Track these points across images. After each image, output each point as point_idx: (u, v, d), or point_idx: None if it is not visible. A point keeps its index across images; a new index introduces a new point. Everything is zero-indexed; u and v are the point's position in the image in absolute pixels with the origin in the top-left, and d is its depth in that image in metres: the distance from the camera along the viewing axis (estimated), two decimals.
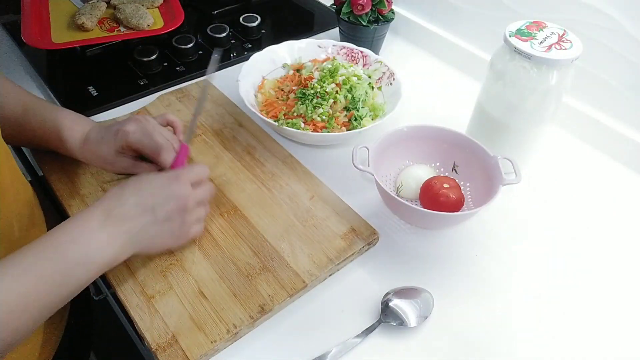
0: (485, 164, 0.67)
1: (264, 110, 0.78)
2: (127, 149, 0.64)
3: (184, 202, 0.55)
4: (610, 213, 0.72)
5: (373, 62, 0.85)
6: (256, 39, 1.01)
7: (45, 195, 0.71)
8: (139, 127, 0.63)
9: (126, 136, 0.63)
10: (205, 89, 0.70)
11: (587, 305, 0.61)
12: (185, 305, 0.56)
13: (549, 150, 0.81)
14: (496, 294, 0.62)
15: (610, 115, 0.79)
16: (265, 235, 0.63)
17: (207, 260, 0.60)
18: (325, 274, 0.60)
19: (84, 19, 0.91)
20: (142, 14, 0.93)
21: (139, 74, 0.89)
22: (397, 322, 0.57)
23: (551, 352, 0.57)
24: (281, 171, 0.72)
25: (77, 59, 0.92)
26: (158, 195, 0.54)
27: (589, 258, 0.66)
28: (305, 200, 0.68)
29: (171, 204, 0.54)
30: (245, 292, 0.57)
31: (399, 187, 0.69)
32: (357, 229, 0.65)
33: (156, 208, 0.53)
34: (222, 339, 0.53)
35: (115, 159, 0.65)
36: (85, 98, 0.83)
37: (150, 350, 0.52)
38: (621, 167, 0.79)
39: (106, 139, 0.64)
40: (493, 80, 0.68)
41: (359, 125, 0.75)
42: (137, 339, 0.99)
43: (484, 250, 0.66)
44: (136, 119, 0.65)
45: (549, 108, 0.67)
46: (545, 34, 0.65)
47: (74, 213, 0.65)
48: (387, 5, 0.90)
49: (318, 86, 0.76)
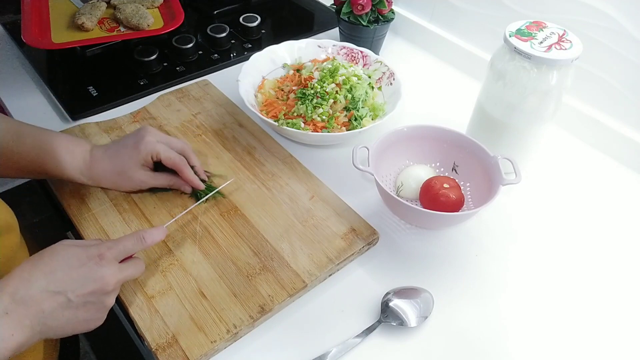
0: (485, 164, 0.67)
1: (264, 110, 0.78)
2: (149, 161, 0.63)
3: (104, 285, 0.47)
4: (610, 213, 0.72)
5: (373, 62, 0.85)
6: (256, 39, 1.01)
7: (46, 195, 0.71)
8: (157, 137, 0.63)
9: (153, 147, 0.62)
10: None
11: (587, 305, 0.61)
12: (185, 305, 0.56)
13: (549, 150, 0.81)
14: (496, 294, 0.62)
15: (610, 115, 0.79)
16: (265, 235, 0.63)
17: (207, 260, 0.60)
18: (325, 274, 0.60)
19: (84, 19, 0.91)
20: (142, 14, 0.93)
21: (139, 74, 0.89)
22: (397, 322, 0.57)
23: (551, 352, 0.57)
24: (281, 171, 0.72)
25: (77, 59, 0.92)
26: (73, 278, 0.46)
27: (589, 258, 0.66)
28: (305, 200, 0.68)
29: (89, 287, 0.47)
30: (245, 292, 0.57)
31: (399, 187, 0.69)
32: (357, 229, 0.65)
33: (69, 293, 0.46)
34: (222, 339, 0.53)
35: (136, 173, 0.63)
36: (85, 98, 0.83)
37: (150, 350, 0.52)
38: (621, 167, 0.79)
39: (123, 152, 0.63)
40: (493, 80, 0.68)
41: (359, 125, 0.75)
42: (137, 339, 0.99)
43: (483, 250, 0.66)
44: (148, 129, 0.64)
45: (549, 108, 0.67)
46: (545, 34, 0.65)
47: (74, 213, 0.65)
48: (387, 5, 0.90)
49: (318, 86, 0.76)
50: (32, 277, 0.45)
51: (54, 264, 0.46)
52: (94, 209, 0.65)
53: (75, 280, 0.46)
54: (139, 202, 0.66)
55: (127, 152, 0.63)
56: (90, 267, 0.47)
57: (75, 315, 0.46)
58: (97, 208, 0.65)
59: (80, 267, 0.47)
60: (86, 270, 0.47)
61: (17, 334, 0.43)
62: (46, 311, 0.45)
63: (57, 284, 0.45)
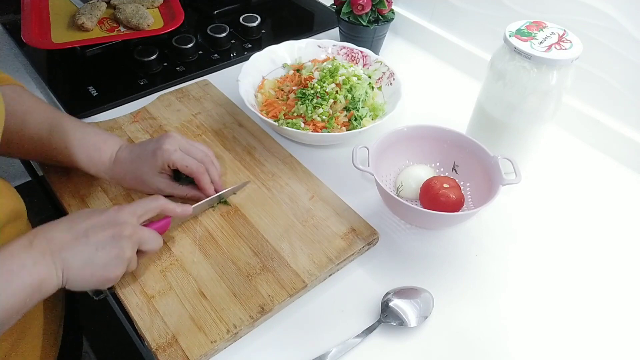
0: (485, 164, 0.67)
1: (264, 110, 0.78)
2: (166, 169, 0.63)
3: (122, 228, 0.51)
4: (610, 213, 0.72)
5: (373, 62, 0.85)
6: (256, 39, 1.01)
7: (46, 195, 0.71)
8: (177, 144, 0.63)
9: (169, 156, 0.62)
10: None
11: (587, 305, 0.61)
12: (185, 305, 0.56)
13: (548, 150, 0.81)
14: (496, 294, 0.62)
15: (610, 115, 0.79)
16: (265, 235, 0.63)
17: (207, 260, 0.60)
18: (325, 274, 0.60)
19: (84, 19, 0.91)
20: (142, 14, 0.93)
21: (139, 74, 0.89)
22: (397, 322, 0.57)
23: (551, 352, 0.57)
24: (281, 171, 0.72)
25: (77, 59, 0.92)
26: (93, 222, 0.50)
27: (589, 258, 0.66)
28: (305, 200, 0.68)
29: (107, 229, 0.50)
30: (245, 292, 0.57)
31: (399, 187, 0.69)
32: (357, 229, 0.65)
33: (89, 232, 0.49)
34: (222, 339, 0.53)
35: (152, 179, 0.63)
36: (85, 98, 0.83)
37: (150, 350, 0.52)
38: (621, 167, 0.79)
39: (143, 158, 0.63)
40: (493, 80, 0.68)
41: (359, 125, 0.75)
42: (137, 339, 0.99)
43: (483, 250, 0.66)
44: (171, 135, 0.63)
45: (549, 108, 0.67)
46: (545, 34, 0.65)
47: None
48: (387, 5, 0.90)
49: (318, 86, 0.76)
50: (57, 223, 0.50)
51: (76, 216, 0.51)
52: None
53: (95, 223, 0.50)
54: None
55: (146, 158, 0.63)
56: (109, 214, 0.52)
57: (94, 255, 0.49)
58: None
59: (100, 215, 0.52)
60: (106, 216, 0.52)
61: (39, 264, 0.46)
62: (66, 247, 0.48)
63: (78, 226, 0.50)
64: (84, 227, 0.50)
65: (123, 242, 0.51)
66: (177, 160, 0.62)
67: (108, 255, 0.50)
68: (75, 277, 0.48)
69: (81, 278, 0.49)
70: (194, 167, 0.63)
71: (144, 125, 0.78)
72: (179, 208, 0.59)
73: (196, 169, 0.63)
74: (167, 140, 0.62)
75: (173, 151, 0.62)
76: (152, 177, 0.63)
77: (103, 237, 0.50)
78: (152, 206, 0.56)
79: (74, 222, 0.50)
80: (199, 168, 0.63)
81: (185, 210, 0.59)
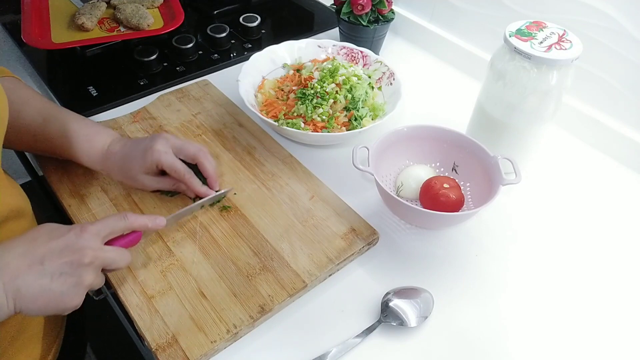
0: (485, 164, 0.67)
1: (264, 110, 0.78)
2: (154, 169, 0.64)
3: (81, 256, 0.46)
4: (610, 213, 0.72)
5: (373, 62, 0.85)
6: (256, 39, 1.01)
7: (46, 195, 0.71)
8: (169, 145, 0.63)
9: (158, 157, 0.62)
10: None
11: (587, 305, 0.61)
12: (185, 305, 0.56)
13: (548, 150, 0.81)
14: (496, 294, 0.62)
15: (610, 115, 0.79)
16: (265, 235, 0.63)
17: (207, 260, 0.60)
18: (325, 274, 0.60)
19: (84, 19, 0.91)
20: (142, 14, 0.93)
21: (139, 74, 0.89)
22: (397, 322, 0.57)
23: (551, 352, 0.57)
24: (281, 171, 0.72)
25: (77, 59, 0.92)
26: (51, 247, 0.46)
27: (589, 258, 0.66)
28: (305, 200, 0.68)
29: (65, 256, 0.46)
30: (245, 292, 0.57)
31: (399, 187, 0.69)
32: (357, 229, 0.65)
33: (45, 259, 0.45)
34: (222, 339, 0.53)
35: (139, 177, 0.64)
36: (85, 98, 0.83)
37: (150, 350, 0.52)
38: (621, 167, 0.79)
39: (133, 155, 0.63)
40: (493, 80, 0.68)
41: (359, 125, 0.75)
42: (137, 339, 0.99)
43: (483, 250, 0.66)
44: (163, 136, 0.64)
45: (549, 108, 0.67)
46: (545, 34, 0.65)
47: (74, 213, 0.65)
48: (387, 5, 0.90)
49: (318, 86, 0.76)
50: (13, 245, 0.45)
51: (36, 234, 0.47)
52: (93, 209, 0.65)
53: (53, 249, 0.46)
54: (139, 202, 0.66)
55: (136, 156, 0.63)
56: (69, 238, 0.47)
57: (49, 286, 0.45)
58: (97, 208, 0.65)
59: (60, 238, 0.47)
60: (65, 240, 0.47)
61: None
62: (20, 276, 0.44)
63: (34, 251, 0.45)
64: (40, 252, 0.45)
65: (81, 269, 0.47)
66: (166, 162, 0.62)
67: (64, 284, 0.46)
68: (29, 305, 0.45)
69: (36, 307, 0.45)
70: (180, 171, 0.63)
71: (144, 125, 0.78)
72: (151, 222, 0.55)
73: (182, 172, 0.63)
74: (159, 140, 0.63)
75: (163, 153, 0.62)
76: (139, 174, 0.64)
77: (59, 265, 0.45)
78: (119, 226, 0.52)
79: (32, 244, 0.46)
80: (186, 172, 0.64)
81: (157, 225, 0.56)
